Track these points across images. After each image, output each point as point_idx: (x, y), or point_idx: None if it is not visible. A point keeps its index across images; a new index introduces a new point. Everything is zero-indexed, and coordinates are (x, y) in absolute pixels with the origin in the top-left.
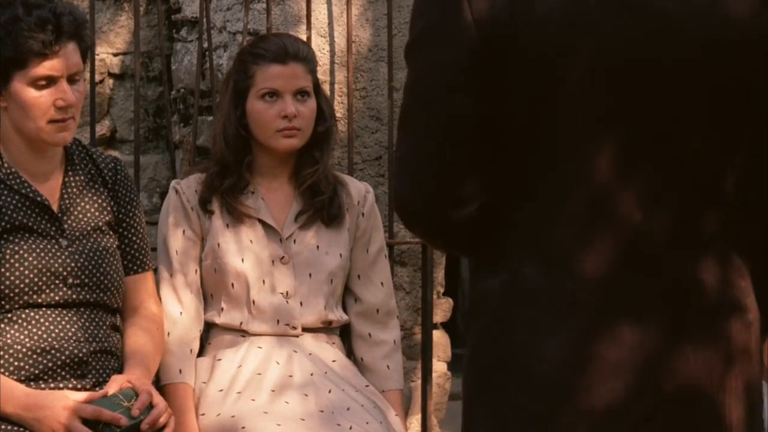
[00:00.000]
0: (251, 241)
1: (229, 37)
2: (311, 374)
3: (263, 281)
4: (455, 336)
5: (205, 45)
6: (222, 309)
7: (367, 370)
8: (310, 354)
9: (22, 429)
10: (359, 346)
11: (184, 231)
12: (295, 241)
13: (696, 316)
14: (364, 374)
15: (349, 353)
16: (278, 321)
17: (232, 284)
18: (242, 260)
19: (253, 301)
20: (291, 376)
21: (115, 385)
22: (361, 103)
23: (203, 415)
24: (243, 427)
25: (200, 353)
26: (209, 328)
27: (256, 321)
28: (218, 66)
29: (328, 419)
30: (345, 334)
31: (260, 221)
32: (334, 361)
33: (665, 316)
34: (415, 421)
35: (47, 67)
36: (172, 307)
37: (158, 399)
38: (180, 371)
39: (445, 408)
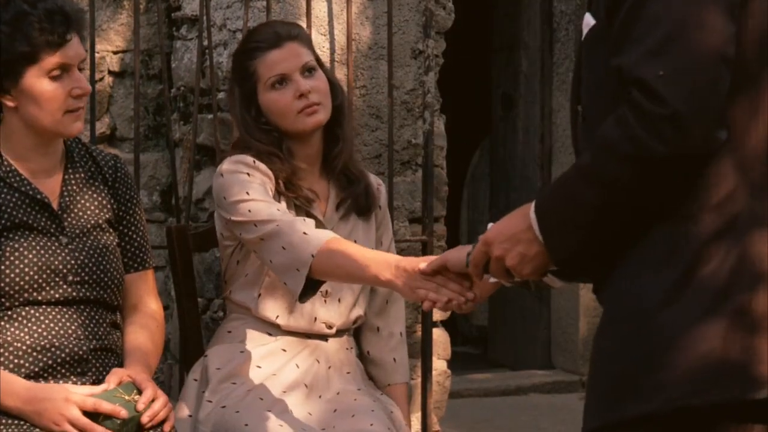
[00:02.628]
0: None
1: (229, 35)
2: (325, 380)
3: None
4: (455, 334)
5: (205, 43)
6: (260, 295)
7: (372, 364)
8: (329, 368)
9: (23, 423)
10: (367, 339)
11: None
12: None
13: None
14: (369, 368)
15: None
16: (315, 319)
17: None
18: None
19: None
20: (306, 385)
21: (115, 378)
22: (361, 101)
23: (209, 402)
24: (246, 425)
25: (223, 340)
26: (238, 313)
27: (292, 317)
28: (218, 64)
29: (332, 422)
30: (355, 336)
31: (308, 213)
32: (348, 372)
33: None
34: (415, 419)
35: (61, 56)
36: (269, 210)
37: (159, 393)
38: (309, 253)
39: (445, 406)
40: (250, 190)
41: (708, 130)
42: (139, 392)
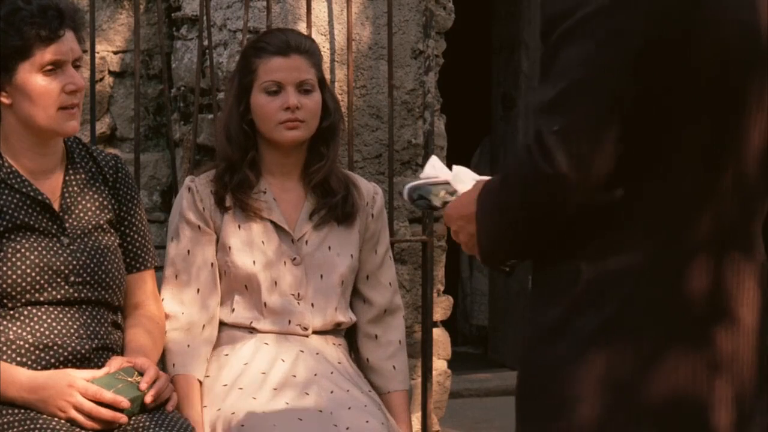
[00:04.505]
0: (263, 242)
1: (230, 35)
2: (315, 374)
3: (275, 282)
4: (455, 334)
5: (206, 43)
6: (233, 309)
7: (372, 371)
8: (317, 354)
9: (29, 411)
10: (366, 346)
11: (199, 226)
12: (306, 242)
13: None
14: (368, 375)
15: (353, 353)
16: (289, 321)
17: (245, 286)
18: (253, 262)
19: (265, 303)
20: (294, 375)
21: (115, 363)
22: (361, 101)
23: (206, 407)
24: (242, 425)
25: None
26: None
27: (266, 321)
28: (218, 64)
29: (326, 419)
30: (348, 334)
31: (271, 222)
32: (339, 362)
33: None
34: (415, 419)
35: (54, 51)
36: (172, 308)
37: (160, 373)
38: (173, 365)
39: (445, 406)
40: (179, 254)
41: (590, 192)
42: (140, 375)
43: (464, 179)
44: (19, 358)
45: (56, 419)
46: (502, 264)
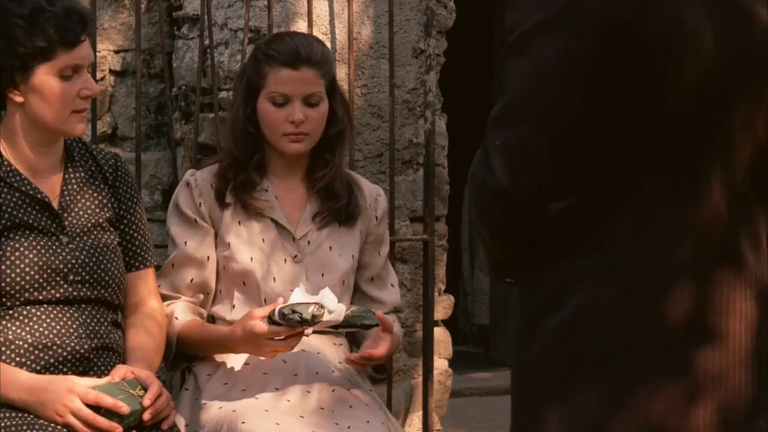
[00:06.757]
0: (263, 240)
1: (231, 34)
2: (317, 373)
3: (274, 279)
4: (456, 333)
5: (207, 42)
6: (234, 306)
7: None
8: (318, 353)
9: (26, 414)
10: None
11: (195, 220)
12: (309, 242)
13: None
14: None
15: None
16: None
17: (243, 282)
18: (251, 259)
19: (265, 300)
20: (296, 374)
21: (119, 374)
22: (362, 100)
23: (205, 404)
24: (243, 422)
25: None
26: (218, 322)
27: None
28: (219, 63)
29: (327, 417)
30: (349, 336)
31: (272, 220)
32: (340, 362)
33: (752, 310)
34: (416, 418)
35: (75, 56)
36: (165, 292)
37: (163, 391)
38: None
39: (446, 405)
40: (177, 248)
41: (534, 206)
42: (143, 388)
43: (330, 299)
44: (18, 358)
45: (53, 425)
46: (503, 276)
